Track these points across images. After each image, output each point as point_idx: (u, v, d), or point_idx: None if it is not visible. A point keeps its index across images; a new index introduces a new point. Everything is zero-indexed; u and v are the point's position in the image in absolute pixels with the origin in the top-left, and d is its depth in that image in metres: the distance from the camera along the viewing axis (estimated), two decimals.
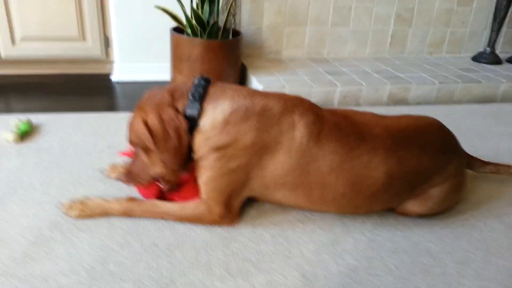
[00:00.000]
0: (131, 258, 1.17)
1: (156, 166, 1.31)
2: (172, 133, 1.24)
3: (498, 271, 1.22)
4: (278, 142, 1.25)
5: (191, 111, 1.26)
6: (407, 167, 1.31)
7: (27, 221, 1.28)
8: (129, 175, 1.34)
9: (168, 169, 1.31)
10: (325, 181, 1.29)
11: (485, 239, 1.35)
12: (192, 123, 1.27)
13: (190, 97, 1.27)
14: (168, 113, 1.24)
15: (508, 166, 1.60)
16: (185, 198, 1.37)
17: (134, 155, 1.35)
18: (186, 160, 1.31)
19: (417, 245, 1.30)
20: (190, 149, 1.29)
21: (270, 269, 1.17)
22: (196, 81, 1.31)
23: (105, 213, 1.32)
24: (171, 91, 1.30)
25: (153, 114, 1.24)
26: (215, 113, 1.26)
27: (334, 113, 1.35)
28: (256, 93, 1.32)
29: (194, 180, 1.38)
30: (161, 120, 1.23)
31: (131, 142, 1.31)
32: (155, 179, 1.35)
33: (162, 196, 1.40)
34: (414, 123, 1.38)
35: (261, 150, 1.25)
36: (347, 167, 1.28)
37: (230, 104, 1.26)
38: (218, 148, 1.25)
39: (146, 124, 1.23)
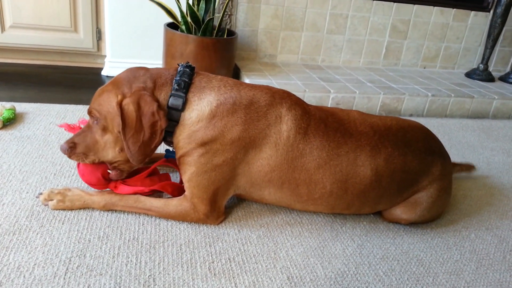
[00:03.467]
0: (110, 252, 1.11)
1: (109, 150, 1.23)
2: (147, 127, 1.17)
3: (490, 283, 1.19)
4: (265, 135, 1.22)
5: (175, 102, 1.20)
6: (393, 165, 1.29)
7: (3, 208, 1.22)
8: (73, 148, 1.22)
9: (122, 157, 1.24)
10: (311, 178, 1.25)
11: (477, 250, 1.33)
12: (174, 115, 1.21)
13: (175, 86, 1.20)
14: (149, 105, 1.16)
15: (468, 165, 1.75)
16: (131, 188, 1.28)
17: (85, 128, 1.24)
18: (148, 157, 1.23)
19: (407, 254, 1.27)
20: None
21: (255, 270, 1.12)
22: (180, 69, 1.24)
23: (85, 206, 1.26)
24: (154, 76, 1.22)
25: (131, 99, 1.16)
26: (201, 105, 1.20)
27: (320, 109, 1.33)
28: (242, 84, 1.28)
29: (147, 171, 1.32)
30: (139, 109, 1.16)
31: (92, 113, 1.21)
32: (102, 162, 1.26)
33: (105, 182, 1.28)
34: (399, 123, 1.37)
35: (248, 144, 1.21)
36: (334, 164, 1.25)
37: (216, 96, 1.21)
38: (203, 143, 1.20)
39: (120, 106, 1.16)
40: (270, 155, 1.23)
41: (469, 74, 3.07)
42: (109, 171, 1.29)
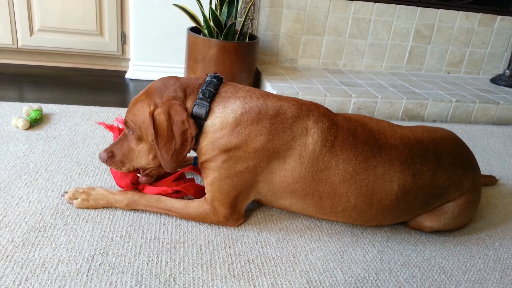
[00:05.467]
0: (132, 250, 1.13)
1: (143, 157, 1.26)
2: (178, 135, 1.19)
3: None
4: (289, 147, 1.21)
5: (199, 110, 1.21)
6: (421, 181, 1.26)
7: (30, 206, 1.25)
8: (112, 157, 1.26)
9: (154, 164, 1.27)
10: (336, 191, 1.24)
11: (501, 259, 1.29)
12: (197, 123, 1.22)
13: (200, 95, 1.22)
14: (179, 114, 1.19)
15: (491, 177, 1.75)
16: (155, 188, 1.31)
17: (122, 137, 1.28)
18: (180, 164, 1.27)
19: (429, 261, 1.25)
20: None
21: (274, 273, 1.12)
22: (208, 79, 1.26)
23: (108, 205, 1.29)
24: (183, 86, 1.25)
25: (162, 108, 1.18)
26: (225, 113, 1.21)
27: (349, 119, 1.30)
28: (269, 95, 1.28)
29: (174, 176, 1.35)
30: (169, 118, 1.18)
31: (127, 124, 1.24)
32: (136, 169, 1.30)
33: (133, 187, 1.33)
34: (430, 135, 1.33)
35: (271, 155, 1.21)
36: (360, 178, 1.23)
37: (241, 105, 1.22)
38: (227, 150, 1.21)
39: (152, 116, 1.18)
40: (294, 167, 1.22)
41: (495, 80, 3.01)
42: (138, 175, 1.32)
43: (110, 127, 1.45)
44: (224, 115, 1.21)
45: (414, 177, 1.25)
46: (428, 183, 1.27)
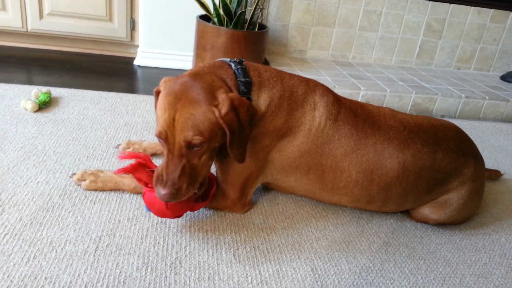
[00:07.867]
0: (139, 233, 1.14)
1: (204, 168, 1.12)
2: (246, 124, 1.11)
3: None
4: (300, 123, 1.24)
5: None
6: (422, 162, 1.28)
7: (38, 186, 1.26)
8: (180, 189, 1.06)
9: (209, 170, 1.17)
10: (337, 165, 1.26)
11: (507, 255, 1.29)
12: None
13: (243, 88, 1.16)
14: (243, 104, 1.09)
15: (495, 171, 1.74)
16: (204, 203, 1.22)
17: (174, 162, 1.06)
18: None
19: (434, 253, 1.25)
20: None
21: (279, 259, 1.13)
22: (237, 66, 1.19)
23: (116, 188, 1.29)
24: (222, 78, 1.15)
25: (227, 107, 1.06)
26: (258, 104, 1.19)
27: (350, 100, 1.35)
28: (282, 74, 1.28)
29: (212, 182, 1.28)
30: (237, 113, 1.08)
31: (193, 141, 1.05)
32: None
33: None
34: (431, 121, 1.36)
35: (284, 133, 1.24)
36: (360, 153, 1.26)
37: (269, 93, 1.21)
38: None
39: (222, 118, 1.06)
40: (301, 142, 1.25)
41: (505, 77, 2.98)
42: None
43: (135, 155, 1.20)
44: (258, 107, 1.20)
45: (414, 157, 1.28)
46: (429, 165, 1.29)
